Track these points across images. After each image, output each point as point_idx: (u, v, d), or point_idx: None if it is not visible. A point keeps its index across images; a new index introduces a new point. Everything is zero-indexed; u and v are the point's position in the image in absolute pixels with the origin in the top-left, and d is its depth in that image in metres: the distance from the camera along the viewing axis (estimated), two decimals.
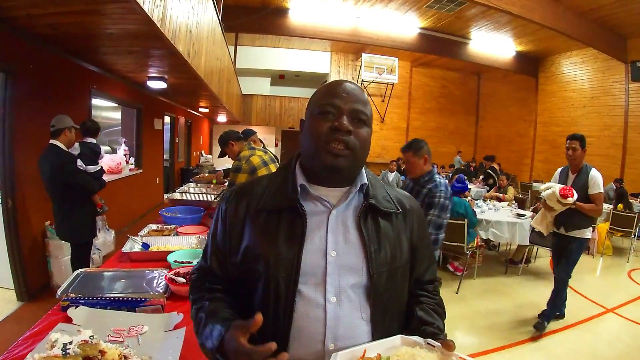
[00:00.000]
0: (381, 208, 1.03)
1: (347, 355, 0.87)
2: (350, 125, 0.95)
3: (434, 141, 16.99)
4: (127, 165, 6.81)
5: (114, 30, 3.33)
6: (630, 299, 4.78)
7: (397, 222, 1.06)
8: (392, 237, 1.03)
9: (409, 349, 0.91)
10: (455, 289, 4.78)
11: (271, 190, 1.03)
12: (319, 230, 0.98)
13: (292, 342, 0.93)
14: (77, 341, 1.17)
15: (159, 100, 8.50)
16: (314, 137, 0.96)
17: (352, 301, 0.96)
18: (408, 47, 12.30)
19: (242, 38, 12.94)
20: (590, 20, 9.85)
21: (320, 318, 0.93)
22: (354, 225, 1.00)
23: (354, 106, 0.98)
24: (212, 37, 5.71)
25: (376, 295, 0.97)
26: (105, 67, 5.14)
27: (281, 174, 1.07)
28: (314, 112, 0.99)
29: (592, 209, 3.67)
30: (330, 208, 1.00)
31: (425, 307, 1.08)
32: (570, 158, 3.73)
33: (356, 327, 0.96)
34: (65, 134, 3.57)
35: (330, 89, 1.00)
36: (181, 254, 2.37)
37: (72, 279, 1.90)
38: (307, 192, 1.00)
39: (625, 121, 10.98)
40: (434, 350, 0.90)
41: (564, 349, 3.54)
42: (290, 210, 0.98)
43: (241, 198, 1.05)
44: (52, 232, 4.04)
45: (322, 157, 0.95)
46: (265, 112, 15.61)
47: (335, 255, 0.96)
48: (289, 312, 0.93)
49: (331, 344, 0.93)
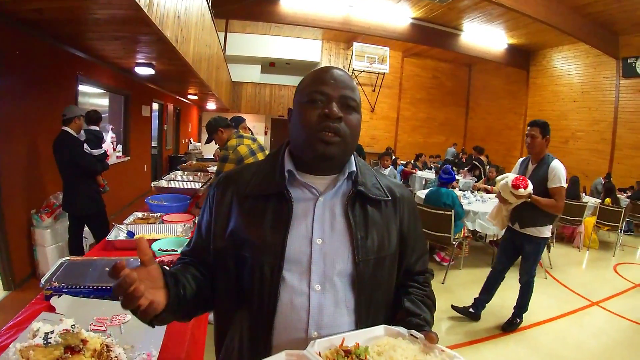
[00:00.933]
0: (370, 195, 1.02)
1: (326, 344, 0.86)
2: (340, 112, 0.95)
3: (424, 132, 17.10)
4: (114, 153, 6.76)
5: (101, 16, 3.27)
6: (616, 292, 4.84)
7: (386, 210, 1.05)
8: (380, 225, 1.02)
9: (390, 339, 0.90)
10: (441, 279, 4.83)
11: (259, 176, 1.02)
12: (305, 218, 0.97)
13: (275, 329, 0.93)
14: (58, 330, 1.16)
15: (147, 86, 8.38)
16: (304, 126, 0.95)
17: (336, 290, 0.95)
18: (400, 37, 12.27)
19: (232, 25, 12.78)
20: (583, 15, 9.90)
21: (304, 306, 0.93)
22: (341, 212, 0.99)
23: (342, 92, 0.97)
24: (201, 23, 5.63)
25: (361, 284, 0.97)
26: (92, 53, 5.05)
27: (270, 160, 1.06)
28: (303, 100, 0.97)
29: (549, 204, 3.29)
30: (317, 195, 0.99)
31: (413, 298, 1.06)
32: (529, 147, 3.41)
33: (339, 315, 0.95)
34: (75, 122, 3.99)
35: (318, 76, 0.99)
36: (166, 242, 2.37)
37: (56, 267, 1.88)
38: (294, 179, 1.00)
39: (615, 117, 11.11)
40: (417, 342, 0.89)
41: (549, 340, 3.59)
42: (276, 196, 0.97)
43: (229, 184, 1.04)
44: (38, 221, 4.01)
45: (313, 145, 0.94)
46: (255, 100, 15.52)
47: (321, 242, 0.96)
48: (273, 299, 0.93)
49: (314, 332, 0.93)
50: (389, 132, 16.76)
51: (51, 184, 4.46)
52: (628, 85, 10.87)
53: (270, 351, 0.93)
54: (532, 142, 3.36)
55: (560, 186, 3.26)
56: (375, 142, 16.05)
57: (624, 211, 6.64)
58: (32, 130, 4.14)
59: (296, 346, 0.91)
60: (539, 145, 3.35)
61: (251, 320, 0.95)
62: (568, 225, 6.94)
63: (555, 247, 6.59)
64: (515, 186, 3.26)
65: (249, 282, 0.95)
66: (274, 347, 0.93)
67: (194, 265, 1.06)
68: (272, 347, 0.93)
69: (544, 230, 3.43)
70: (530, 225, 3.43)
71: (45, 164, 4.39)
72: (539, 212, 3.34)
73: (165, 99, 10.47)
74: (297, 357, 0.81)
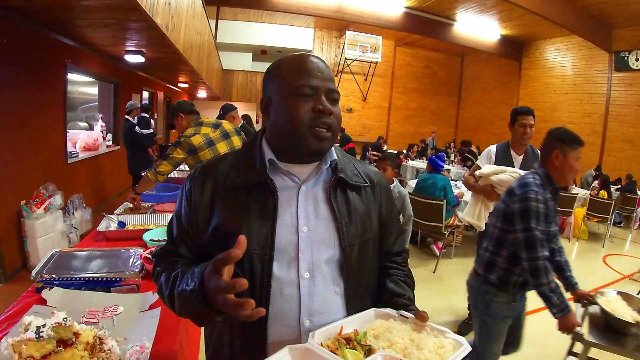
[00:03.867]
0: (350, 182, 1.03)
1: (324, 333, 0.87)
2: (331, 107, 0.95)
3: (415, 122, 17.11)
4: (104, 142, 6.67)
5: (90, 2, 3.18)
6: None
7: (365, 195, 1.06)
8: (362, 210, 1.04)
9: (383, 322, 0.93)
10: (432, 268, 4.87)
11: (238, 166, 1.01)
12: (290, 206, 0.97)
13: (269, 322, 0.93)
14: (50, 324, 1.15)
15: (136, 74, 8.25)
16: (296, 121, 0.92)
17: (325, 276, 0.96)
18: (393, 26, 12.21)
19: (223, 12, 12.62)
20: (577, 8, 9.92)
21: (295, 295, 0.94)
22: (324, 199, 1.00)
23: (328, 85, 0.96)
24: (192, 10, 5.55)
25: (349, 269, 0.98)
26: (81, 41, 4.94)
27: (247, 150, 1.05)
28: (290, 92, 0.94)
29: None
30: (299, 183, 0.99)
31: (395, 278, 1.10)
32: (526, 138, 3.11)
33: (330, 301, 0.96)
34: (134, 112, 5.99)
35: (303, 67, 0.96)
36: (157, 232, 2.34)
37: (47, 259, 1.86)
38: (275, 168, 0.99)
39: (606, 109, 11.21)
40: (408, 322, 0.92)
41: (540, 330, 3.61)
42: (259, 185, 0.96)
43: (207, 176, 1.01)
44: (28, 212, 3.95)
45: (307, 141, 0.93)
46: (246, 88, 15.43)
47: (307, 230, 0.96)
48: (265, 291, 0.92)
49: (306, 320, 0.93)
50: (381, 121, 16.76)
51: (41, 174, 4.41)
52: (620, 79, 10.95)
53: (264, 343, 0.93)
54: (530, 132, 3.10)
55: None
56: (367, 131, 16.05)
57: (614, 203, 6.72)
58: (21, 119, 4.05)
59: (289, 336, 0.93)
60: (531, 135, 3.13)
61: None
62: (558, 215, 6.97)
63: None
64: None
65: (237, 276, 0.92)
66: (268, 338, 0.93)
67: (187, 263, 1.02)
68: (266, 339, 0.93)
69: None
70: None
71: (34, 154, 4.33)
72: None
73: (156, 87, 10.35)
74: (301, 350, 0.81)
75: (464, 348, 0.83)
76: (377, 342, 0.87)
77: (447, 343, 0.86)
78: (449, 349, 0.84)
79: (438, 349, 0.84)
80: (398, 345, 0.85)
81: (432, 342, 0.86)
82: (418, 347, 0.85)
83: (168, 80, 10.51)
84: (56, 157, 4.98)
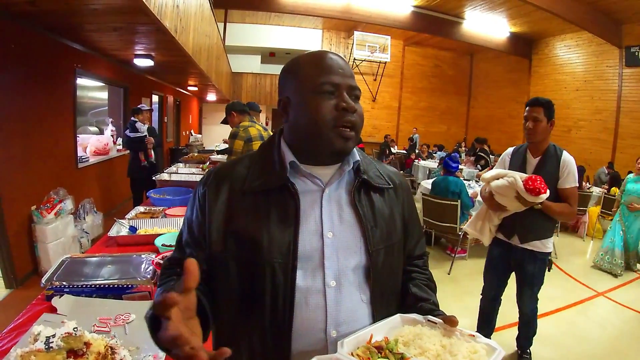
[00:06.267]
0: (374, 184, 0.99)
1: (353, 342, 0.83)
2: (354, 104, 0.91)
3: (425, 121, 17.03)
4: (114, 146, 6.70)
5: (98, 6, 3.19)
6: (620, 283, 4.82)
7: (389, 198, 1.02)
8: (386, 214, 0.99)
9: (411, 328, 0.89)
10: (447, 269, 4.80)
11: (255, 169, 0.95)
12: (313, 211, 0.92)
13: (293, 334, 0.87)
14: (60, 334, 1.12)
15: (146, 78, 8.30)
16: (320, 120, 0.88)
17: (351, 284, 0.92)
18: (401, 25, 12.13)
19: (231, 15, 12.65)
20: (586, 3, 9.78)
21: (321, 305, 0.88)
22: (348, 203, 0.95)
23: (350, 82, 0.92)
24: (200, 12, 5.55)
25: (376, 275, 0.93)
26: (89, 45, 4.96)
27: (264, 153, 1.00)
28: (311, 91, 0.90)
29: (564, 211, 2.52)
30: (322, 186, 0.94)
31: (418, 282, 1.06)
32: (530, 133, 2.57)
33: (357, 310, 0.92)
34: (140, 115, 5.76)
35: (323, 64, 0.92)
36: (169, 237, 2.30)
37: (57, 265, 1.83)
38: (296, 170, 0.93)
39: (618, 106, 11.00)
40: (436, 327, 0.88)
41: (555, 331, 3.57)
42: (279, 189, 0.91)
43: (222, 180, 0.96)
44: (38, 217, 3.95)
45: (331, 141, 0.90)
46: (255, 91, 15.40)
47: (332, 236, 0.91)
48: (289, 302, 0.86)
49: (333, 330, 0.88)
50: (391, 121, 16.69)
51: (51, 179, 4.42)
52: (631, 74, 10.73)
53: (288, 357, 0.88)
54: (534, 127, 2.54)
55: (576, 186, 2.55)
56: (377, 131, 15.97)
57: None
58: (30, 125, 4.07)
59: (315, 347, 0.88)
60: (543, 132, 2.55)
61: (263, 327, 0.88)
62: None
63: (560, 237, 6.57)
64: (533, 190, 2.35)
65: (258, 286, 0.88)
66: (292, 352, 0.88)
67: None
68: (290, 353, 0.88)
69: (548, 243, 2.68)
70: (536, 238, 2.64)
71: (44, 159, 4.34)
72: (547, 221, 2.61)
73: (165, 91, 10.38)
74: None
75: (499, 352, 0.79)
76: (407, 349, 0.82)
77: (480, 348, 0.82)
78: (482, 354, 0.80)
79: (472, 355, 0.80)
80: (430, 352, 0.81)
81: (464, 348, 0.82)
82: (451, 353, 0.80)
83: (177, 84, 10.55)
84: (66, 162, 4.99)
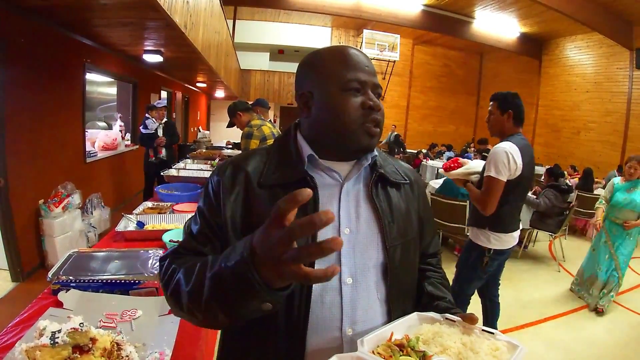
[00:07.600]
0: (390, 179, 0.98)
1: (374, 340, 0.81)
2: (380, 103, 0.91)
3: (434, 121, 16.93)
4: (123, 142, 6.71)
5: (108, 1, 3.18)
6: (629, 287, 4.76)
7: (405, 194, 1.02)
8: (403, 209, 0.99)
9: (429, 327, 0.88)
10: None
11: (272, 163, 0.93)
12: (330, 205, 0.90)
13: (309, 332, 0.86)
14: (66, 329, 1.10)
15: (155, 74, 8.32)
16: (347, 117, 0.88)
17: (368, 281, 0.90)
18: (411, 24, 12.07)
19: (241, 12, 12.66)
20: (597, 4, 9.70)
21: (336, 302, 0.87)
22: (365, 198, 0.95)
23: (375, 80, 0.92)
24: (210, 9, 5.54)
25: (393, 272, 0.92)
26: (99, 41, 4.97)
27: (280, 146, 0.98)
28: (338, 87, 0.89)
29: (476, 198, 2.54)
30: (340, 181, 0.93)
31: (433, 281, 1.06)
32: (487, 126, 2.78)
33: (373, 308, 0.90)
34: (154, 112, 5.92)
35: (349, 61, 0.90)
36: (177, 232, 2.29)
37: (64, 260, 1.83)
38: (315, 164, 0.92)
39: (628, 108, 10.87)
40: (455, 325, 0.88)
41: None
42: (298, 183, 0.88)
43: (237, 171, 0.93)
44: (46, 211, 3.97)
45: (358, 137, 0.89)
46: (263, 88, 15.39)
47: (349, 232, 0.90)
48: (305, 299, 0.85)
49: (349, 329, 0.87)
50: (399, 120, 16.59)
51: (59, 173, 4.43)
52: None
53: (302, 355, 0.86)
54: (487, 120, 2.74)
55: (490, 176, 2.45)
56: (386, 130, 15.88)
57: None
58: (39, 119, 4.08)
59: (330, 345, 0.87)
60: (497, 124, 2.70)
61: (277, 324, 0.86)
62: (581, 217, 6.83)
63: (568, 239, 6.50)
64: (444, 166, 2.76)
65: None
66: (307, 350, 0.86)
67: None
68: (304, 351, 0.86)
69: (486, 236, 2.59)
70: (472, 224, 2.69)
71: (53, 153, 4.36)
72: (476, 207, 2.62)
73: (174, 87, 10.40)
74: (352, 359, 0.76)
75: (521, 349, 0.78)
76: (428, 347, 0.81)
77: (501, 345, 0.81)
78: (504, 351, 0.80)
79: (494, 352, 0.80)
80: (452, 349, 0.80)
81: (486, 345, 0.81)
82: (473, 350, 0.80)
83: (186, 80, 10.56)
84: (75, 157, 5.01)
